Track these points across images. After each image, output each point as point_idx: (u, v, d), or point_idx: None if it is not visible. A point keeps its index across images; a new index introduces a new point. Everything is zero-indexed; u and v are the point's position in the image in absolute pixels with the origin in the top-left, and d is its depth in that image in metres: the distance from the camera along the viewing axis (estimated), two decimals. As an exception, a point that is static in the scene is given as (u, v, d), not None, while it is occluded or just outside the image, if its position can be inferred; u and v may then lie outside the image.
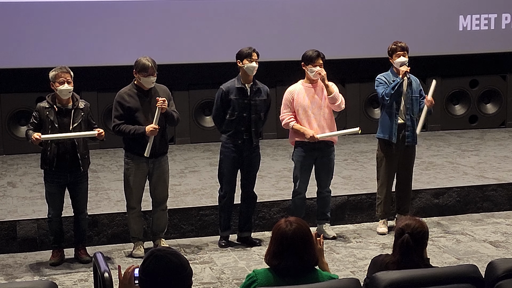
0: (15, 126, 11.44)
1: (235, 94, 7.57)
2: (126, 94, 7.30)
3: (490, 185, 8.94)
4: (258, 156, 7.82)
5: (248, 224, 7.88)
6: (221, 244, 7.74)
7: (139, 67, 7.23)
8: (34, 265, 7.32)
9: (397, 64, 7.86)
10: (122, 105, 7.26)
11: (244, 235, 7.85)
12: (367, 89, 12.08)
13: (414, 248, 4.32)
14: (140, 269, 3.51)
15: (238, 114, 7.57)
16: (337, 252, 7.48)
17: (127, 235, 7.69)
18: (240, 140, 7.60)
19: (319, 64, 7.62)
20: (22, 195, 8.78)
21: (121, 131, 7.26)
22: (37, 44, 11.02)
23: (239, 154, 7.65)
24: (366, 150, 11.11)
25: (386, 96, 7.80)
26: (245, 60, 7.56)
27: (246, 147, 7.64)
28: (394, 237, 4.45)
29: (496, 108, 13.04)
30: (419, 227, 4.38)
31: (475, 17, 12.39)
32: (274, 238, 4.01)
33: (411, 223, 4.39)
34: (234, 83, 7.61)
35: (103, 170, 10.11)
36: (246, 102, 7.57)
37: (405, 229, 4.36)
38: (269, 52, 11.67)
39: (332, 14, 11.91)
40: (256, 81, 7.70)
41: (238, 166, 7.72)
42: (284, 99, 7.76)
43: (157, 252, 3.51)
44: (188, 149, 11.59)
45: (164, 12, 11.40)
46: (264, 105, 7.72)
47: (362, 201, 8.55)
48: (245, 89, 7.58)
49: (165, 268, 3.46)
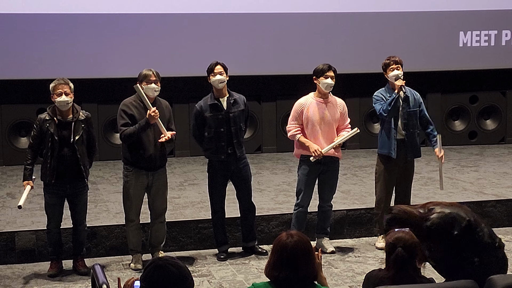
0: (15, 137, 11.46)
1: (209, 111, 7.56)
2: (130, 103, 7.30)
3: (489, 201, 8.94)
4: (247, 166, 7.80)
5: (252, 233, 7.88)
6: (220, 257, 7.73)
7: (141, 76, 7.26)
8: (32, 276, 7.31)
9: (392, 78, 7.85)
10: (126, 112, 7.25)
11: (249, 245, 7.86)
12: (367, 104, 12.08)
13: (408, 261, 4.32)
14: (141, 277, 3.52)
15: (215, 130, 7.56)
16: (335, 267, 7.47)
17: (125, 247, 7.68)
18: (223, 155, 7.59)
19: (330, 77, 7.59)
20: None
21: (127, 134, 7.21)
22: (38, 56, 11.05)
23: (226, 169, 7.65)
24: (365, 164, 11.12)
25: (384, 113, 7.80)
26: (210, 75, 7.59)
27: (232, 160, 7.64)
28: (386, 252, 4.43)
29: (496, 124, 13.06)
30: (410, 239, 4.37)
31: (475, 33, 12.44)
32: (274, 250, 4.02)
33: (402, 236, 4.38)
34: (207, 100, 7.62)
35: (103, 182, 10.11)
36: (221, 117, 7.55)
37: (397, 243, 4.34)
38: (267, 67, 11.73)
39: (332, 29, 11.95)
40: (232, 92, 7.69)
41: (226, 181, 7.73)
42: (293, 111, 7.73)
43: (158, 261, 3.51)
44: (188, 162, 11.59)
45: (165, 25, 11.44)
46: (242, 116, 7.70)
47: (361, 216, 8.55)
48: (219, 104, 7.57)
49: (165, 278, 3.46)
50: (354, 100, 12.31)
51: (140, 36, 11.35)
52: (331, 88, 7.63)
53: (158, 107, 7.28)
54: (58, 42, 11.09)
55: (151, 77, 7.23)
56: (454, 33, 12.39)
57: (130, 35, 11.32)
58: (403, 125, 7.89)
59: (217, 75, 7.55)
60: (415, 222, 4.70)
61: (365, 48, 12.02)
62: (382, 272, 4.43)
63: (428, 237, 4.71)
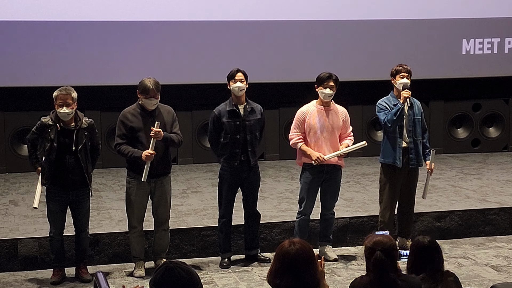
0: (18, 145, 11.46)
1: (226, 117, 7.58)
2: (129, 113, 7.33)
3: (492, 209, 8.93)
4: (258, 175, 7.83)
5: (255, 241, 7.89)
6: (222, 265, 7.73)
7: (141, 89, 7.28)
8: (35, 283, 7.31)
9: (400, 86, 7.85)
10: (125, 124, 7.29)
11: (252, 253, 7.86)
12: (370, 112, 12.09)
13: (388, 264, 4.31)
14: (151, 280, 3.51)
15: (231, 136, 7.58)
16: (338, 275, 7.46)
17: (128, 255, 7.68)
18: (236, 162, 7.61)
19: (329, 86, 7.60)
20: (24, 214, 8.79)
21: (120, 152, 7.32)
22: (42, 63, 11.07)
23: (237, 176, 7.66)
24: (368, 172, 11.11)
25: (389, 123, 7.80)
26: (231, 82, 7.60)
27: (245, 168, 7.65)
28: (365, 257, 4.43)
29: (499, 132, 13.05)
30: (388, 241, 4.38)
31: (478, 41, 12.44)
32: (276, 257, 4.02)
33: (379, 239, 4.39)
34: (225, 106, 7.64)
35: (105, 190, 10.12)
36: (238, 124, 7.58)
37: (376, 247, 4.34)
38: (273, 74, 11.74)
39: (335, 37, 11.95)
40: (249, 101, 7.71)
41: (236, 188, 7.74)
42: (296, 119, 7.73)
43: (169, 264, 3.50)
44: (191, 170, 11.60)
45: (168, 33, 11.44)
46: (258, 125, 7.73)
47: (364, 224, 8.54)
48: (237, 111, 7.60)
49: (175, 281, 3.45)
50: (357, 108, 12.30)
51: (144, 44, 11.36)
52: (329, 97, 7.64)
53: (159, 114, 7.30)
54: (61, 49, 11.10)
55: (150, 93, 7.23)
56: (457, 41, 12.39)
57: (133, 42, 11.34)
58: (408, 132, 7.89)
59: (238, 82, 7.57)
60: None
61: (368, 55, 12.02)
62: (364, 278, 4.43)
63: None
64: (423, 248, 4.75)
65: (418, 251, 4.77)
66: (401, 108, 7.75)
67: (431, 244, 4.77)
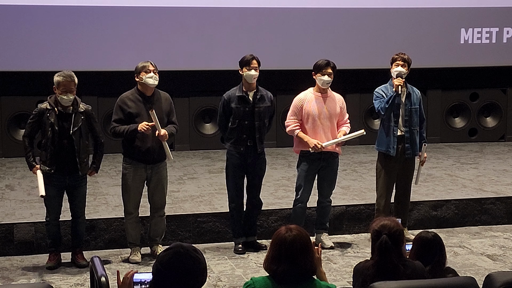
0: (14, 129, 11.45)
1: (236, 102, 7.58)
2: (127, 98, 7.31)
3: (489, 199, 8.94)
4: (264, 163, 7.82)
5: (253, 229, 7.89)
6: (238, 250, 7.74)
7: (139, 68, 7.26)
8: (31, 268, 7.30)
9: (393, 73, 7.85)
10: (123, 109, 7.27)
11: (249, 240, 7.86)
12: (368, 100, 12.04)
13: (392, 249, 4.32)
14: (158, 256, 3.50)
15: (239, 122, 7.58)
16: (334, 262, 7.47)
17: (124, 241, 7.68)
18: (242, 147, 7.61)
19: (327, 73, 7.59)
20: (20, 198, 8.78)
21: (116, 132, 7.30)
22: (38, 48, 11.03)
23: (243, 161, 7.66)
24: (365, 160, 11.11)
25: (382, 111, 7.80)
26: (244, 68, 7.57)
27: (251, 154, 7.65)
28: (371, 239, 4.44)
29: (496, 121, 13.05)
30: (395, 226, 4.38)
31: (476, 30, 12.42)
32: (273, 244, 4.02)
33: (387, 223, 4.39)
34: (235, 91, 7.62)
35: (102, 175, 10.08)
36: (247, 110, 7.57)
37: (382, 230, 4.35)
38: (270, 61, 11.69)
39: (332, 24, 11.93)
40: (260, 88, 7.70)
41: (243, 173, 7.74)
42: (293, 106, 7.72)
43: (180, 249, 3.49)
44: (187, 156, 11.59)
45: (165, 19, 11.42)
46: (268, 112, 7.72)
47: (360, 212, 8.54)
48: (246, 97, 7.59)
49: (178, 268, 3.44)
50: (354, 96, 12.30)
51: (140, 30, 11.32)
52: (328, 84, 7.63)
53: (157, 100, 7.29)
54: (58, 34, 11.07)
55: (149, 67, 7.23)
56: (456, 30, 12.37)
57: (130, 28, 11.31)
58: (404, 121, 7.88)
59: (252, 70, 7.56)
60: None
61: (365, 44, 12.00)
62: (368, 262, 4.45)
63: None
64: (426, 243, 4.75)
65: (422, 245, 4.76)
66: (393, 96, 7.73)
67: (435, 238, 4.77)
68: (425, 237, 4.78)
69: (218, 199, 8.76)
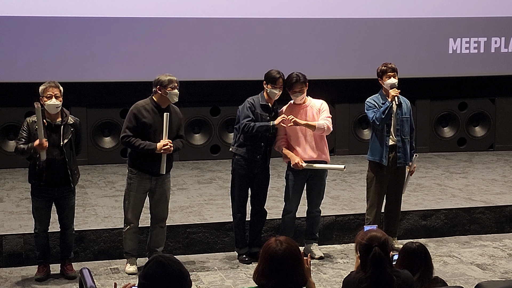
0: (3, 141, 11.41)
1: (260, 109, 7.60)
2: (143, 108, 7.23)
3: (478, 208, 8.95)
4: (268, 174, 7.85)
5: (258, 239, 7.86)
6: (244, 260, 7.72)
7: (164, 82, 7.19)
8: (20, 280, 7.26)
9: (387, 86, 7.85)
10: (137, 118, 7.19)
11: (253, 251, 7.81)
12: (357, 110, 12.12)
13: (385, 260, 4.30)
14: (141, 274, 3.50)
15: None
16: (324, 272, 7.46)
17: (114, 252, 7.65)
18: (259, 155, 7.61)
19: (279, 87, 7.59)
20: (9, 210, 8.74)
21: (131, 144, 7.18)
22: (27, 59, 11.01)
23: (250, 171, 7.65)
24: (354, 170, 11.12)
25: (377, 121, 7.80)
26: (269, 85, 7.59)
27: (259, 164, 7.65)
28: (360, 253, 4.38)
29: (485, 131, 13.10)
30: (382, 236, 4.35)
31: (465, 40, 12.47)
32: (263, 257, 3.98)
33: (374, 234, 4.35)
34: (258, 99, 7.66)
35: (91, 186, 10.07)
36: (268, 119, 7.60)
37: (372, 243, 4.31)
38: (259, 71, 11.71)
39: (322, 35, 11.95)
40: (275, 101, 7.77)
41: (249, 184, 7.75)
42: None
43: (160, 258, 3.50)
44: (177, 167, 11.52)
45: (155, 30, 11.41)
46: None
47: (350, 222, 8.54)
48: (269, 106, 7.64)
49: (166, 275, 3.45)
50: (343, 106, 12.33)
51: (130, 40, 11.31)
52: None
53: (171, 113, 7.26)
54: (47, 45, 11.05)
55: (176, 83, 7.22)
56: (444, 40, 12.42)
57: (119, 39, 11.29)
58: (395, 131, 7.89)
59: (277, 89, 7.58)
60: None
61: (355, 54, 12.03)
62: (359, 274, 4.39)
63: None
64: (411, 253, 4.75)
65: (406, 256, 4.75)
66: (389, 106, 7.76)
67: (420, 249, 4.77)
68: (409, 247, 4.78)
69: (208, 210, 8.74)
